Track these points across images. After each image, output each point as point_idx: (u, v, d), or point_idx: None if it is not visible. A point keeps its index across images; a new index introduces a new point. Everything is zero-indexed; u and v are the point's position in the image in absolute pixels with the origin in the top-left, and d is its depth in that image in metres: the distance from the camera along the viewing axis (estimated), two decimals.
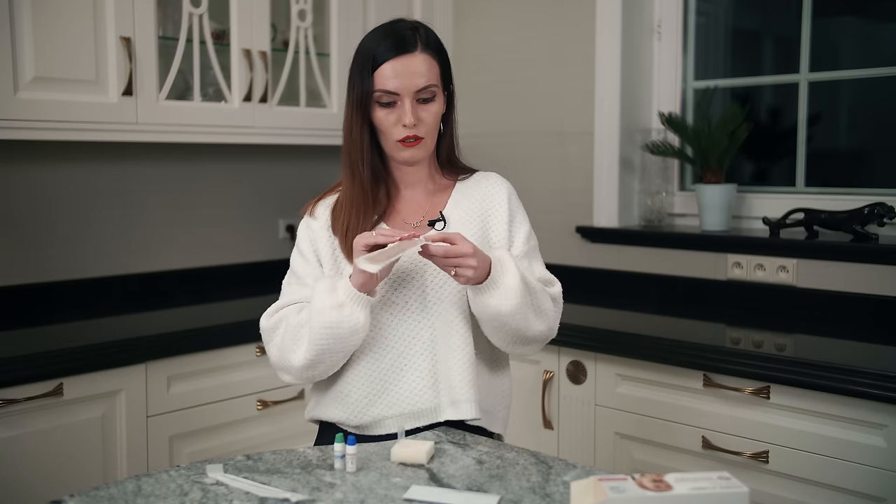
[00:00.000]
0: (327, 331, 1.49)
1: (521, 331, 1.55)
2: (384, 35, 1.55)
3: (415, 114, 1.54)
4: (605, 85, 2.92)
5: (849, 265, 2.43)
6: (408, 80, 1.53)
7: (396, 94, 1.53)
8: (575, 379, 2.40)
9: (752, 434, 2.06)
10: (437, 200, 1.66)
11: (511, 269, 1.51)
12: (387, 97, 1.54)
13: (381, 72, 1.53)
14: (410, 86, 1.53)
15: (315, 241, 1.63)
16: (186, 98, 2.69)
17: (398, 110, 1.55)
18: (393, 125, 1.56)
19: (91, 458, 2.16)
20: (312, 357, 1.52)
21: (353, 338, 1.51)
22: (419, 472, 1.36)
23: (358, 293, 1.48)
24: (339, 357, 1.54)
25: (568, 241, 3.03)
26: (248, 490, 1.27)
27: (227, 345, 2.41)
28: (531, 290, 1.55)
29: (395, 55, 1.53)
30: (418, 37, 1.55)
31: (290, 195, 3.21)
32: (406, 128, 1.55)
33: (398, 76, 1.53)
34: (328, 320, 1.49)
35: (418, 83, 1.53)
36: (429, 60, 1.55)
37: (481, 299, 1.51)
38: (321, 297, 1.50)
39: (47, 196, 2.66)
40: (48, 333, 2.38)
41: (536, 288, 1.57)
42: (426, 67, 1.54)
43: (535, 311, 1.55)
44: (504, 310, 1.50)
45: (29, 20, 2.26)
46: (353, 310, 1.48)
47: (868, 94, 2.74)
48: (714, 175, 2.72)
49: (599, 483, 1.09)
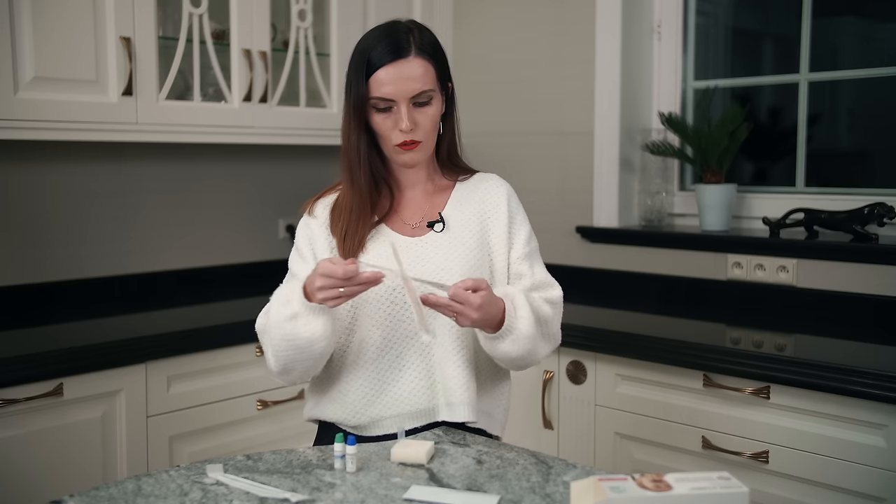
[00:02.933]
0: (285, 343, 1.48)
1: (529, 361, 1.58)
2: (378, 39, 1.54)
3: (411, 118, 1.53)
4: (605, 85, 2.92)
5: (849, 265, 2.43)
6: (403, 86, 1.52)
7: (392, 100, 1.53)
8: (575, 379, 2.40)
9: (752, 434, 2.06)
10: (436, 201, 1.66)
11: (524, 315, 1.50)
12: (383, 103, 1.53)
13: (377, 78, 1.52)
14: (406, 91, 1.52)
15: (313, 240, 1.62)
16: (186, 98, 2.69)
17: (394, 115, 1.54)
18: (390, 130, 1.55)
19: (91, 458, 2.16)
20: (281, 366, 1.52)
21: (314, 346, 1.48)
22: (419, 472, 1.36)
23: (310, 304, 1.44)
24: (310, 363, 1.52)
25: (568, 241, 3.03)
26: (248, 490, 1.27)
27: (227, 345, 2.41)
28: (542, 321, 1.55)
29: (390, 60, 1.52)
30: (413, 40, 1.54)
31: (290, 195, 3.21)
32: (403, 132, 1.54)
33: (393, 82, 1.52)
34: (284, 332, 1.47)
35: (413, 88, 1.53)
36: (424, 64, 1.54)
37: (493, 344, 1.51)
38: (276, 308, 1.49)
39: (47, 196, 2.66)
40: (48, 333, 2.38)
41: (546, 316, 1.57)
42: (421, 72, 1.53)
43: (544, 339, 1.57)
44: (515, 354, 1.53)
45: (29, 20, 2.26)
46: (308, 320, 1.45)
47: (868, 94, 2.74)
48: (714, 175, 2.72)
49: (599, 483, 1.09)
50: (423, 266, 1.57)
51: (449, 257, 1.58)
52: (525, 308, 1.51)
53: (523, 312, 1.51)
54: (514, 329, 1.50)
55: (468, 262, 1.59)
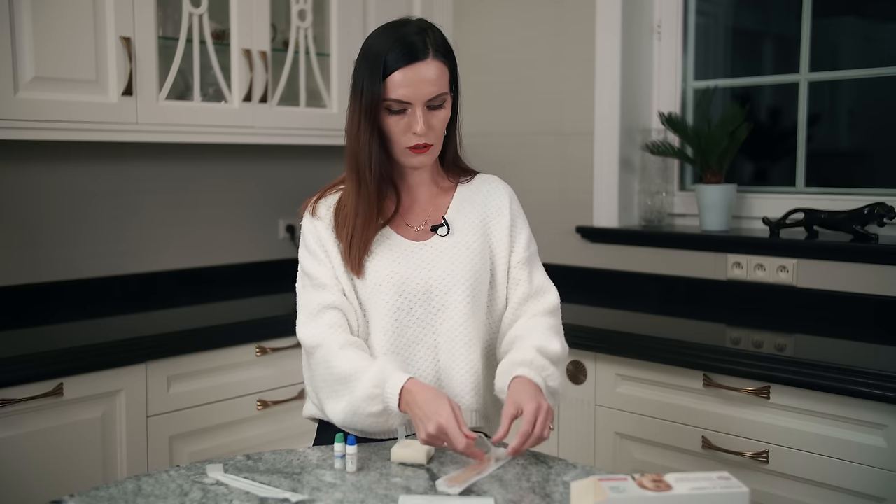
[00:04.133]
0: (365, 420, 1.48)
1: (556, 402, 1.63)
2: (394, 40, 1.50)
3: (426, 121, 1.51)
4: (605, 85, 2.92)
5: (849, 265, 2.43)
6: (420, 89, 1.49)
7: (408, 102, 1.50)
8: (575, 379, 2.40)
9: (752, 434, 2.06)
10: (439, 204, 1.65)
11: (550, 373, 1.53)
12: (397, 105, 1.50)
13: (393, 80, 1.49)
14: (422, 94, 1.50)
15: (324, 240, 1.60)
16: (186, 98, 2.69)
17: (408, 117, 1.51)
18: (402, 133, 1.53)
19: (91, 458, 2.16)
20: (345, 423, 1.52)
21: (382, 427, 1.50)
22: (419, 472, 1.36)
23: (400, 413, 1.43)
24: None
25: (568, 241, 3.03)
26: (248, 490, 1.27)
27: (227, 345, 2.41)
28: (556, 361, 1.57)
29: (407, 63, 1.49)
30: (429, 42, 1.51)
31: (289, 195, 3.21)
32: (417, 135, 1.52)
33: (410, 85, 1.49)
34: (365, 424, 1.48)
35: (430, 91, 1.50)
36: (440, 67, 1.51)
37: None
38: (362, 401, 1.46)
39: (46, 196, 2.66)
40: (48, 333, 2.38)
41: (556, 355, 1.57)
42: (437, 75, 1.51)
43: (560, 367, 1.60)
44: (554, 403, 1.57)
45: (29, 20, 2.26)
46: (390, 418, 1.46)
47: (868, 94, 2.74)
48: (714, 175, 2.72)
49: (599, 483, 1.09)
50: (429, 270, 1.57)
51: (454, 261, 1.58)
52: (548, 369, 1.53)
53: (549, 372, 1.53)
54: (555, 394, 1.55)
55: (472, 266, 1.59)
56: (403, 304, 1.56)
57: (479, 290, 1.59)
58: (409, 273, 1.56)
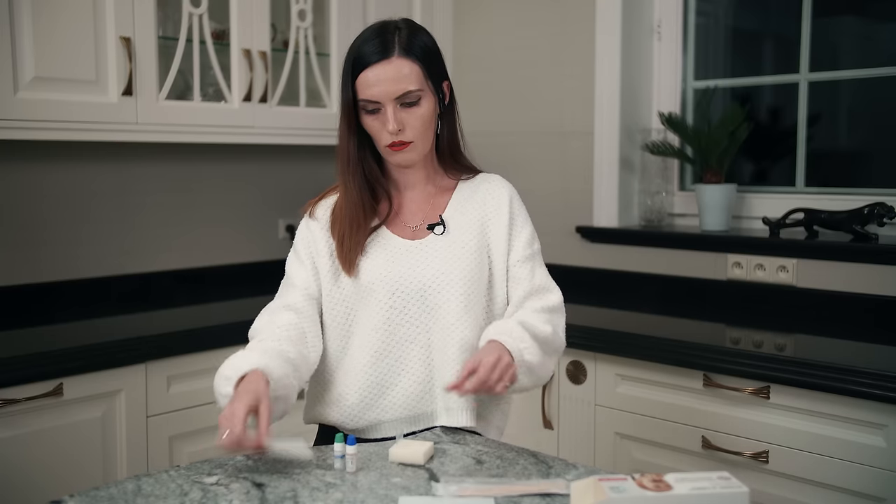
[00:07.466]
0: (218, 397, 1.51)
1: (542, 382, 1.63)
2: (363, 41, 1.54)
3: (398, 119, 1.52)
4: (605, 85, 2.92)
5: (849, 265, 2.43)
6: (387, 87, 1.51)
7: (378, 101, 1.52)
8: (575, 379, 2.40)
9: (752, 434, 2.06)
10: (437, 203, 1.65)
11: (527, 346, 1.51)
12: (370, 104, 1.53)
13: (362, 79, 1.52)
14: (390, 92, 1.51)
15: (313, 243, 1.61)
16: (186, 98, 2.69)
17: (382, 116, 1.54)
18: (379, 131, 1.55)
19: (91, 458, 2.16)
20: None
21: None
22: (419, 472, 1.36)
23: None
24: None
25: (568, 241, 3.03)
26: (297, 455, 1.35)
27: (226, 345, 2.39)
28: (542, 342, 1.55)
29: (374, 61, 1.51)
30: (398, 40, 1.52)
31: (289, 195, 3.21)
32: (391, 134, 1.53)
33: (378, 83, 1.51)
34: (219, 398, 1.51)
35: (398, 89, 1.51)
36: (409, 65, 1.52)
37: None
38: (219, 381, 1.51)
39: (46, 196, 2.66)
40: (48, 333, 2.38)
41: (546, 336, 1.56)
42: (406, 72, 1.52)
43: (550, 356, 1.59)
44: (529, 384, 1.56)
45: (29, 20, 2.26)
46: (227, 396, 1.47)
47: (868, 94, 2.74)
48: (714, 175, 2.72)
49: (599, 483, 1.09)
50: (424, 269, 1.57)
51: (448, 260, 1.58)
52: (527, 342, 1.52)
53: (526, 344, 1.51)
54: (532, 371, 1.53)
55: (468, 266, 1.58)
56: (397, 302, 1.56)
57: (474, 289, 1.58)
58: (403, 272, 1.57)
